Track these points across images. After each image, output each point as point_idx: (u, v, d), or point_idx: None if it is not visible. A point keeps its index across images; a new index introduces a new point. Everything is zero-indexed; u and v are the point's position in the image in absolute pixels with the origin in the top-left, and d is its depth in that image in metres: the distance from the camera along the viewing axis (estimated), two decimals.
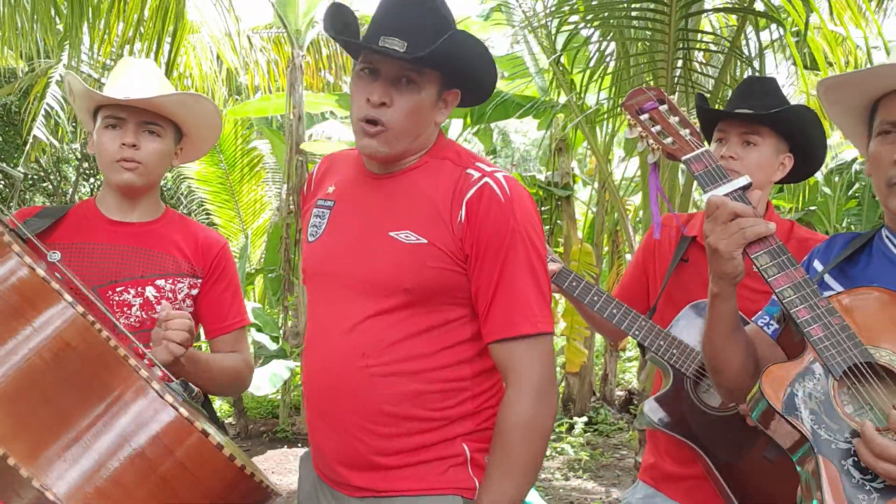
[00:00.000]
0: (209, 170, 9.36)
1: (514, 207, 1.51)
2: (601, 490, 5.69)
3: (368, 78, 1.52)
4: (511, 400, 1.51)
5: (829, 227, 8.12)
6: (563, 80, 5.14)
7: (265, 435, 7.04)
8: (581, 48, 4.89)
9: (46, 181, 12.44)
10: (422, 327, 1.53)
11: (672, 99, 1.56)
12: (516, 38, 6.64)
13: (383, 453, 1.53)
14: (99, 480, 1.31)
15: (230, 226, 9.79)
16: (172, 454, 1.34)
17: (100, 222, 1.93)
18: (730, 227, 1.38)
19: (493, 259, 1.50)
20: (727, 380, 1.50)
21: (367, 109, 1.51)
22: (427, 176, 1.58)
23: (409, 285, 1.51)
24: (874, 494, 1.22)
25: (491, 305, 1.51)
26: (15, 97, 9.85)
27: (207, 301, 1.97)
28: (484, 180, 1.52)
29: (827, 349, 1.31)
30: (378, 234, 1.55)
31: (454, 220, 1.51)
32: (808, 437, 1.28)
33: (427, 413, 1.53)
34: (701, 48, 4.66)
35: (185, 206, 11.13)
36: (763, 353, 1.51)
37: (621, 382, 9.17)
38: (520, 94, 6.96)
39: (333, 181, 1.70)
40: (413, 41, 1.46)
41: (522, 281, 1.51)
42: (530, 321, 1.51)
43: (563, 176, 7.89)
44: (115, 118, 1.88)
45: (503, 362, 1.53)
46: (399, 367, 1.52)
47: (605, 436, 7.19)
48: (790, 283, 1.36)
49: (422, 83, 1.51)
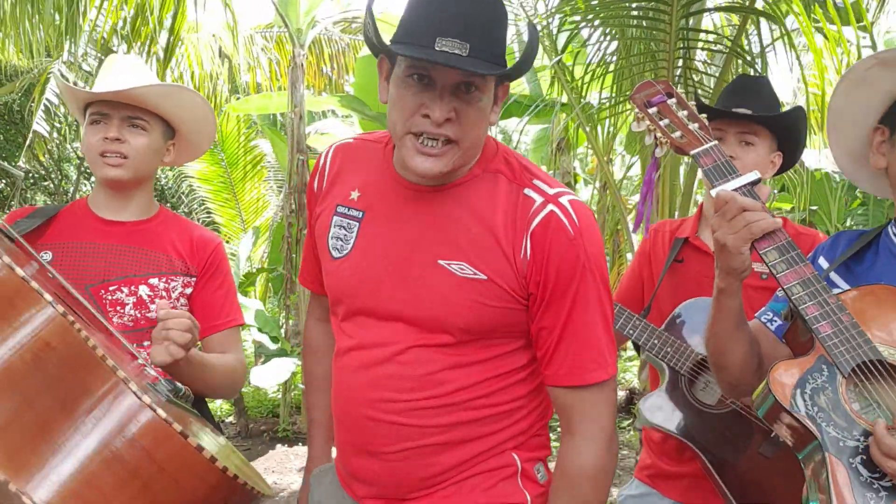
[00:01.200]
0: (210, 168, 9.36)
1: (584, 240, 1.35)
2: None
3: (418, 86, 1.30)
4: (580, 448, 1.39)
5: (831, 226, 8.11)
6: (563, 80, 5.13)
7: (266, 434, 7.04)
8: (582, 46, 4.88)
9: (47, 180, 12.45)
10: (473, 360, 1.40)
11: (681, 92, 1.55)
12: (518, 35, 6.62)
13: (427, 480, 1.42)
14: (77, 485, 1.28)
15: (231, 225, 9.79)
16: (151, 456, 1.30)
17: (92, 222, 1.92)
18: (737, 221, 1.36)
19: (560, 299, 1.35)
20: (730, 375, 1.50)
21: (426, 125, 1.30)
22: (480, 194, 1.39)
23: (464, 325, 1.36)
24: (882, 493, 1.21)
25: (557, 347, 1.38)
26: (16, 95, 9.85)
27: (200, 299, 1.96)
28: (549, 208, 1.35)
29: (836, 346, 1.30)
30: (425, 260, 1.38)
31: (517, 255, 1.35)
32: (816, 435, 1.27)
33: (480, 437, 1.42)
34: (703, 47, 4.66)
35: (187, 206, 11.13)
36: (766, 350, 1.51)
37: (622, 382, 9.16)
38: (521, 94, 6.96)
39: (356, 183, 1.48)
40: (473, 42, 1.24)
41: (592, 322, 1.37)
42: (601, 366, 1.38)
43: (563, 175, 7.89)
44: (99, 114, 1.87)
45: (567, 407, 1.41)
46: (449, 399, 1.39)
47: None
48: (799, 280, 1.35)
49: (484, 87, 1.32)
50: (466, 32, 1.24)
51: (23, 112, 10.06)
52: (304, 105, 7.16)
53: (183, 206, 12.15)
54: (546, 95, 5.91)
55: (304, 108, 7.17)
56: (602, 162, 5.57)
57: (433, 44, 1.24)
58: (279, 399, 7.56)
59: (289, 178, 7.16)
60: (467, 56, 1.24)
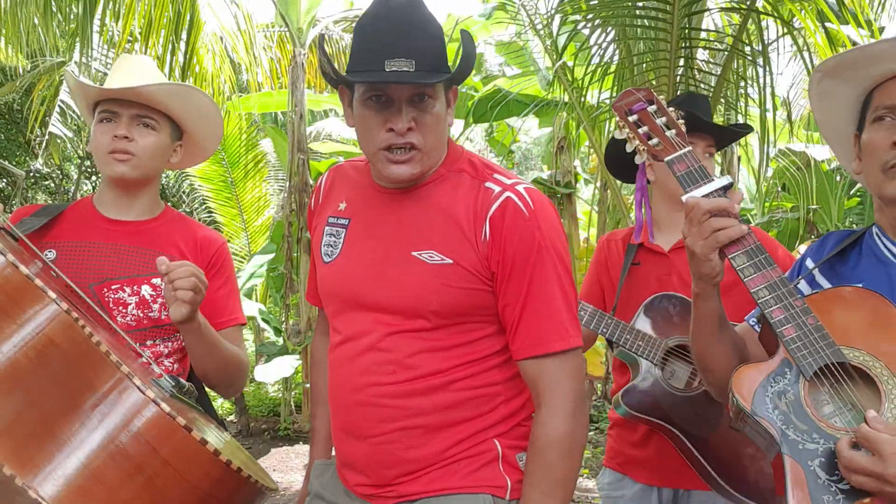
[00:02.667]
0: (211, 168, 9.36)
1: (538, 220, 1.48)
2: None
3: (378, 105, 1.47)
4: (546, 418, 1.47)
5: (831, 225, 8.11)
6: (565, 79, 5.13)
7: (267, 433, 7.05)
8: (583, 47, 4.88)
9: (48, 179, 12.46)
10: (449, 343, 1.50)
11: (661, 99, 1.57)
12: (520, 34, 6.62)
13: (413, 463, 1.51)
14: (83, 480, 1.29)
15: (232, 224, 9.80)
16: (155, 451, 1.32)
17: (97, 221, 1.93)
18: (704, 228, 1.37)
19: (520, 275, 1.47)
20: (715, 378, 1.51)
21: (393, 138, 1.46)
22: (445, 191, 1.54)
23: (436, 307, 1.48)
24: (839, 496, 1.22)
25: (519, 322, 1.48)
26: (17, 95, 9.85)
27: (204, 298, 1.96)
28: (505, 195, 1.49)
29: (799, 349, 1.31)
30: (400, 254, 1.52)
31: (479, 238, 1.48)
32: (775, 437, 1.28)
33: (459, 421, 1.51)
34: (705, 46, 4.66)
35: (188, 205, 11.14)
36: (753, 352, 1.51)
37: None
38: (523, 92, 6.96)
39: (344, 196, 1.66)
40: (418, 56, 1.42)
41: (551, 295, 1.48)
42: (562, 337, 1.48)
43: (565, 174, 7.89)
44: (108, 112, 1.88)
45: (534, 379, 1.49)
46: (428, 382, 1.49)
47: (606, 433, 7.19)
48: (766, 283, 1.36)
49: (435, 94, 1.49)
50: (411, 51, 1.42)
51: (23, 111, 10.07)
52: (304, 104, 7.16)
53: (184, 205, 12.16)
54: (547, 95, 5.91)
55: (304, 108, 7.18)
56: (602, 162, 5.57)
57: (383, 66, 1.41)
58: (280, 398, 7.57)
59: (289, 177, 7.17)
60: (415, 71, 1.42)
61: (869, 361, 1.31)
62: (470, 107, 7.32)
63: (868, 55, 1.42)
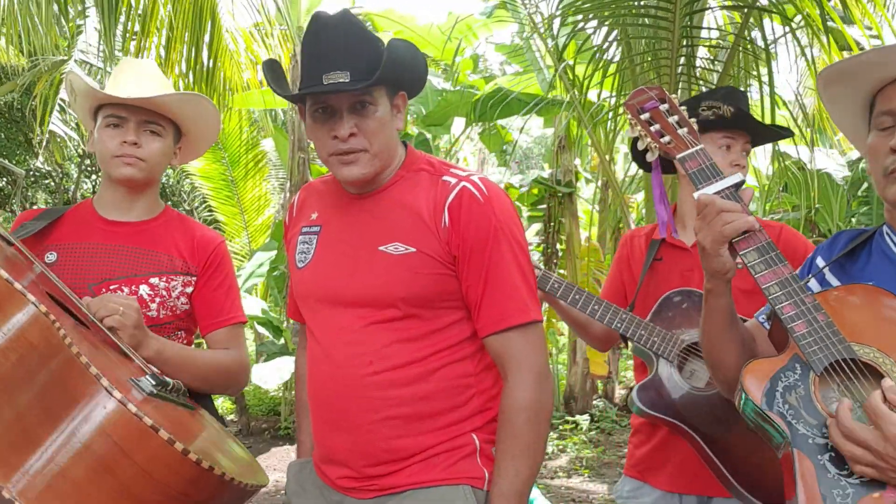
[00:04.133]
0: (212, 166, 9.36)
1: (493, 205, 1.57)
2: (603, 488, 5.68)
3: (324, 116, 1.58)
4: (512, 387, 1.56)
5: (833, 225, 8.11)
6: (565, 78, 5.12)
7: (267, 432, 7.05)
8: (584, 45, 4.87)
9: (49, 178, 12.45)
10: (420, 333, 1.58)
11: (674, 98, 1.58)
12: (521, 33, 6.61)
13: (394, 453, 1.58)
14: (53, 479, 1.30)
15: (232, 222, 9.78)
16: (124, 451, 1.32)
17: (96, 223, 1.95)
18: (714, 223, 1.39)
19: (479, 257, 1.56)
20: (724, 375, 1.51)
21: (337, 145, 1.58)
22: (406, 189, 1.64)
23: (403, 294, 1.57)
24: (849, 490, 1.21)
25: (482, 300, 1.57)
26: (17, 94, 9.84)
27: (202, 297, 1.99)
28: (461, 184, 1.59)
29: (809, 345, 1.31)
30: (367, 250, 1.61)
31: (439, 226, 1.57)
32: (784, 431, 1.28)
33: (436, 412, 1.58)
34: (706, 44, 4.65)
35: (188, 203, 11.13)
36: (763, 349, 1.51)
37: (623, 381, 9.16)
38: (525, 91, 6.94)
39: (315, 209, 1.76)
40: (353, 67, 1.53)
41: (509, 274, 1.57)
42: (522, 311, 1.57)
43: (565, 173, 7.88)
44: (116, 117, 1.90)
45: (499, 353, 1.58)
46: (404, 372, 1.57)
47: (608, 434, 7.19)
48: (777, 280, 1.37)
49: (375, 101, 1.58)
50: (345, 63, 1.53)
51: (23, 110, 10.06)
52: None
53: (185, 203, 12.15)
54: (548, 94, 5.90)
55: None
56: (603, 160, 5.56)
57: (321, 80, 1.53)
58: (280, 397, 7.56)
59: (290, 176, 7.16)
60: (350, 81, 1.53)
61: (879, 358, 1.30)
62: (472, 105, 7.30)
63: (864, 63, 1.43)
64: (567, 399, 7.74)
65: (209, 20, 5.56)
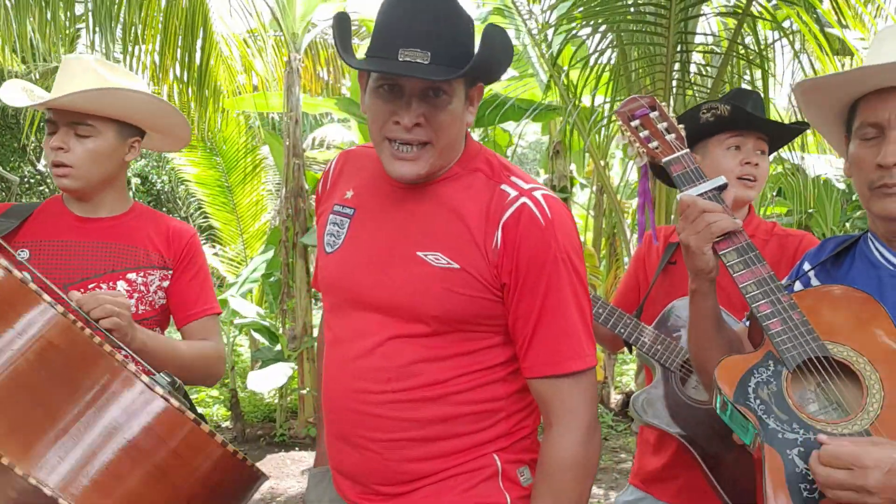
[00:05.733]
0: (207, 173, 9.35)
1: (555, 231, 1.38)
2: (600, 493, 5.68)
3: (389, 94, 1.37)
4: (559, 439, 1.39)
5: (827, 230, 8.13)
6: (560, 84, 5.13)
7: (262, 439, 7.02)
8: (580, 51, 4.89)
9: (43, 184, 12.42)
10: (450, 353, 1.42)
11: (664, 106, 1.62)
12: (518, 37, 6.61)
13: (405, 475, 1.44)
14: (93, 472, 1.34)
15: (228, 229, 9.77)
16: (166, 444, 1.38)
17: (68, 219, 1.93)
18: (698, 223, 1.44)
19: (533, 288, 1.37)
20: (710, 377, 1.51)
21: (397, 132, 1.37)
22: (458, 190, 1.44)
23: (437, 312, 1.39)
24: (816, 485, 1.22)
25: (532, 339, 1.39)
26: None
27: (176, 290, 1.97)
28: (521, 200, 1.39)
29: (784, 342, 1.34)
30: (404, 252, 1.43)
31: (489, 245, 1.38)
32: (755, 426, 1.30)
33: (459, 435, 1.43)
34: (701, 50, 4.67)
35: (183, 210, 11.11)
36: (749, 351, 1.51)
37: (619, 386, 9.16)
38: (521, 97, 6.95)
39: (351, 184, 1.56)
40: (436, 49, 1.31)
41: (567, 311, 1.39)
42: (577, 356, 1.39)
43: (560, 178, 7.89)
44: (51, 123, 1.86)
45: (546, 399, 1.41)
46: (425, 393, 1.41)
47: (604, 439, 7.18)
48: (754, 279, 1.40)
49: (452, 91, 1.37)
50: (428, 42, 1.31)
51: (18, 117, 10.04)
52: (300, 109, 7.15)
53: (180, 210, 12.13)
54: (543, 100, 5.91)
55: (300, 113, 7.16)
56: (598, 166, 5.57)
57: (396, 55, 1.31)
58: (276, 404, 7.54)
59: (285, 182, 7.15)
60: (429, 64, 1.31)
61: (853, 357, 1.33)
62: None
63: (844, 80, 1.44)
64: None
65: (202, 26, 5.57)
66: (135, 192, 12.26)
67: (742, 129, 2.08)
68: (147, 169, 12.79)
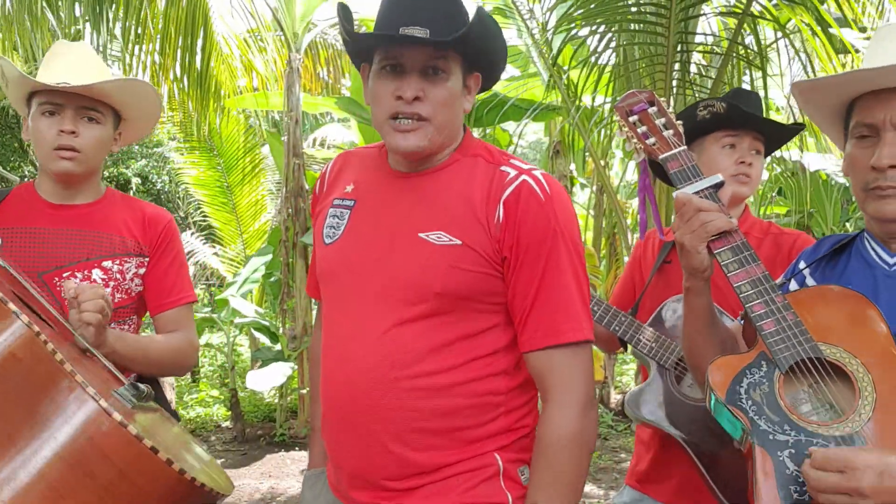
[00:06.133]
0: (206, 173, 9.35)
1: (554, 206, 1.43)
2: (600, 493, 5.68)
3: (391, 75, 1.44)
4: (555, 414, 1.41)
5: (827, 229, 8.13)
6: (561, 84, 5.13)
7: (262, 439, 7.02)
8: (580, 51, 4.89)
9: None
10: (452, 337, 1.43)
11: (662, 101, 1.60)
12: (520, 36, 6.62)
13: (408, 467, 1.44)
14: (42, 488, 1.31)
15: (227, 228, 9.77)
16: (111, 461, 1.32)
17: (40, 206, 1.89)
18: (693, 221, 1.42)
19: (533, 261, 1.41)
20: (703, 375, 1.51)
21: (399, 106, 1.43)
22: (459, 174, 1.49)
23: (440, 289, 1.41)
24: (806, 486, 1.21)
25: (531, 311, 1.42)
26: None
27: (152, 277, 1.94)
28: (522, 178, 1.44)
29: (776, 343, 1.34)
30: (406, 235, 1.46)
31: (491, 221, 1.43)
32: (747, 426, 1.29)
33: (460, 429, 1.44)
34: (701, 50, 4.67)
35: (183, 210, 11.11)
36: (743, 349, 1.52)
37: (619, 386, 9.16)
38: (522, 97, 6.95)
39: (351, 180, 1.60)
40: (434, 27, 1.39)
41: (565, 284, 1.42)
42: (575, 328, 1.42)
43: (560, 178, 7.89)
44: (52, 104, 1.83)
45: (543, 373, 1.43)
46: (430, 381, 1.42)
47: (604, 439, 7.18)
48: (748, 279, 1.40)
49: (449, 70, 1.44)
50: (427, 19, 1.39)
51: (18, 116, 10.04)
52: (300, 109, 7.15)
53: (179, 210, 12.13)
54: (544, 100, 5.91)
55: (300, 113, 7.16)
56: (598, 165, 5.57)
57: (397, 32, 1.39)
58: (276, 404, 7.54)
59: (285, 182, 7.15)
60: (428, 37, 1.39)
61: (846, 358, 1.32)
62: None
63: (840, 81, 1.44)
64: None
65: (202, 26, 5.57)
66: (135, 191, 12.25)
67: (738, 127, 2.09)
68: (147, 169, 12.79)
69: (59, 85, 1.80)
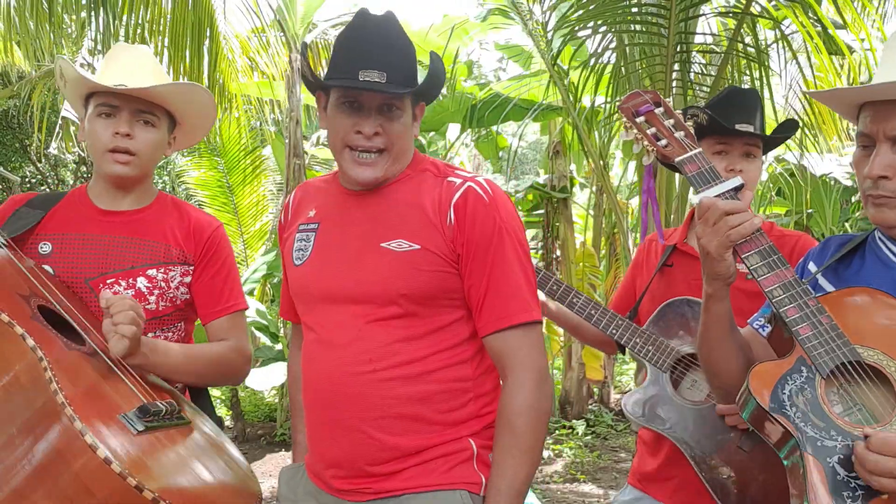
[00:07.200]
0: (207, 174, 9.35)
1: (497, 206, 1.60)
2: (599, 493, 5.69)
3: (350, 110, 1.59)
4: (513, 387, 1.57)
5: (826, 229, 8.14)
6: (560, 84, 5.14)
7: (263, 439, 7.03)
8: (580, 52, 4.90)
9: (44, 184, 12.43)
10: (421, 331, 1.59)
11: (668, 101, 1.57)
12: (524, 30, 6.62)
13: (390, 452, 1.58)
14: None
15: (228, 229, 9.75)
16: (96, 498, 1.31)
17: (91, 212, 1.91)
18: (721, 226, 1.38)
19: (483, 255, 1.58)
20: (723, 382, 1.51)
21: (359, 140, 1.59)
22: (411, 187, 1.65)
23: (405, 291, 1.57)
24: (859, 492, 1.22)
25: (485, 299, 1.59)
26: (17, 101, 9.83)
27: (200, 285, 1.93)
28: (467, 184, 1.61)
29: (815, 348, 1.32)
30: (369, 247, 1.61)
31: (444, 223, 1.59)
32: (794, 435, 1.28)
33: (433, 414, 1.59)
34: (701, 50, 4.68)
35: None
36: (758, 355, 1.51)
37: (619, 386, 9.18)
38: (523, 98, 6.96)
39: (313, 206, 1.75)
40: (390, 71, 1.55)
41: (512, 273, 1.59)
42: (524, 310, 1.58)
43: (560, 178, 7.90)
44: (108, 106, 1.84)
45: (500, 352, 1.59)
46: (404, 371, 1.57)
47: (604, 438, 7.19)
48: (780, 283, 1.36)
49: (403, 107, 1.62)
50: (382, 64, 1.55)
51: (19, 117, 10.05)
52: (300, 110, 7.16)
53: None
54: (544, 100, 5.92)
55: (300, 113, 7.17)
56: (598, 166, 5.58)
57: (357, 76, 1.55)
58: (276, 403, 7.55)
59: (286, 182, 7.16)
60: (385, 82, 1.55)
61: (883, 360, 1.31)
62: (466, 111, 7.31)
63: (846, 94, 1.47)
64: (563, 404, 7.75)
65: (207, 27, 5.58)
66: None
67: (726, 134, 2.07)
68: None
69: (116, 87, 1.82)
